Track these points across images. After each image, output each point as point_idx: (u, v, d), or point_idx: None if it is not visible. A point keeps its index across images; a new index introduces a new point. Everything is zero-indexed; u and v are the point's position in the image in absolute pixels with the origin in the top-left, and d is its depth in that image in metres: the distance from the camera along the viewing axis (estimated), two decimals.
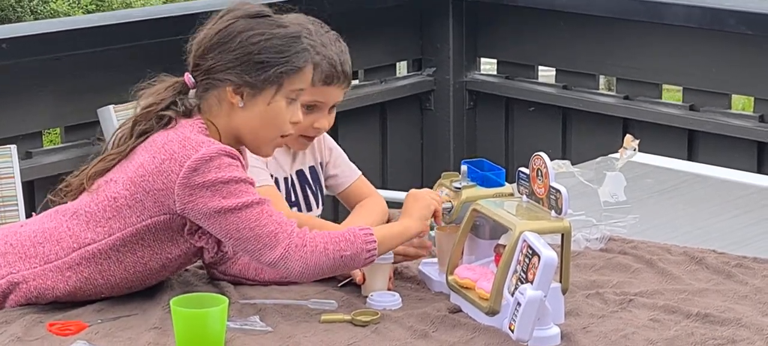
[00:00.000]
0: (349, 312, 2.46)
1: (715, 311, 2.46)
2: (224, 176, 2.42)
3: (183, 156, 2.42)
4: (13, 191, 3.18)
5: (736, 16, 4.26)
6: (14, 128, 3.85)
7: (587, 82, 4.77)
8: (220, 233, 2.45)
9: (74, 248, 2.49)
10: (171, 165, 2.42)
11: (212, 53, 2.50)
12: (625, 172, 3.03)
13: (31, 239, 2.52)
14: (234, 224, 2.43)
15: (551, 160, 2.48)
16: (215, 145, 2.44)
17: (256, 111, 2.52)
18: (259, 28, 2.51)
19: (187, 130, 2.47)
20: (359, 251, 2.46)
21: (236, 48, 2.49)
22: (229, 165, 2.43)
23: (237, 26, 2.51)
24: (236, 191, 2.42)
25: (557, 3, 4.72)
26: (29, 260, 2.51)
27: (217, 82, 2.50)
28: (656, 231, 2.99)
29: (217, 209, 2.42)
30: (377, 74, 4.91)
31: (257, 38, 2.50)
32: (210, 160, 2.41)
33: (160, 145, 2.46)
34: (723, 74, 4.38)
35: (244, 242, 2.43)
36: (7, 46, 3.79)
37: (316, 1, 4.28)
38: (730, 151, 4.30)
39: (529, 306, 2.25)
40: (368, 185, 3.13)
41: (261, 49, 2.49)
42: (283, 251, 2.42)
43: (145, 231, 2.48)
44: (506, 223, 2.43)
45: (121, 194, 2.47)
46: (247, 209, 2.42)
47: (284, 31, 2.53)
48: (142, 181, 2.45)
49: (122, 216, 2.47)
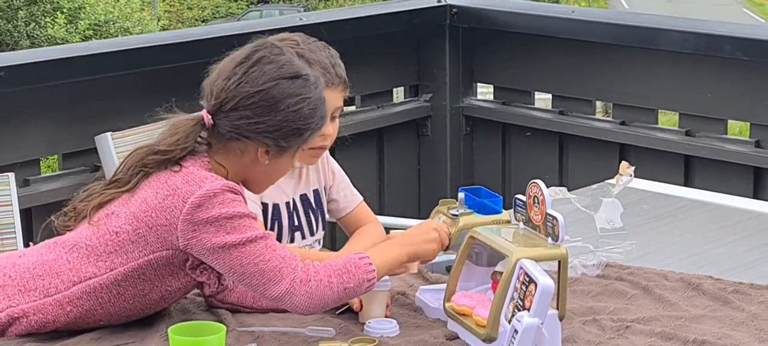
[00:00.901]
0: (346, 339, 2.46)
1: (711, 338, 2.46)
2: (228, 211, 2.41)
3: (186, 192, 2.42)
4: (11, 219, 3.18)
5: (732, 42, 4.27)
6: (12, 156, 3.85)
7: (584, 107, 4.78)
8: (224, 269, 2.44)
9: (75, 281, 2.49)
10: (174, 201, 2.42)
11: (249, 112, 2.48)
12: (621, 198, 3.04)
13: (31, 272, 2.51)
14: (238, 260, 2.42)
15: (548, 187, 2.49)
16: (218, 181, 2.44)
17: (280, 165, 2.55)
18: (300, 93, 2.50)
19: (191, 167, 2.47)
20: (361, 281, 2.46)
21: (279, 117, 2.48)
22: (232, 200, 2.43)
23: (279, 91, 2.49)
24: (240, 226, 2.42)
25: (553, 29, 4.74)
26: (29, 293, 2.50)
27: (246, 139, 2.49)
28: (653, 257, 2.99)
29: (220, 244, 2.41)
30: (374, 100, 4.92)
31: (299, 106, 2.49)
32: (213, 196, 2.41)
33: (163, 181, 2.46)
34: (719, 100, 4.39)
35: (249, 278, 2.43)
36: (6, 74, 3.80)
37: (313, 28, 4.31)
38: (726, 176, 4.30)
39: (526, 333, 2.26)
40: (368, 212, 3.14)
41: (301, 117, 2.50)
42: (288, 285, 2.42)
43: (146, 266, 2.48)
44: (503, 250, 2.44)
45: (123, 228, 2.47)
46: (250, 244, 2.42)
47: (316, 93, 2.53)
48: (144, 216, 2.45)
49: (124, 251, 2.47)
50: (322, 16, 4.83)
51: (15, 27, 26.76)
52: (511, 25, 4.86)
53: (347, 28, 4.70)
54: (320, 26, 4.49)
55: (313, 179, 3.06)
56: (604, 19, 4.66)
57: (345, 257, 2.49)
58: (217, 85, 2.50)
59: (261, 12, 31.53)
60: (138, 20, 28.25)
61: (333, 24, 4.65)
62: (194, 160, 2.49)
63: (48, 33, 26.36)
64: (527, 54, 4.88)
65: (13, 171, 3.31)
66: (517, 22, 4.84)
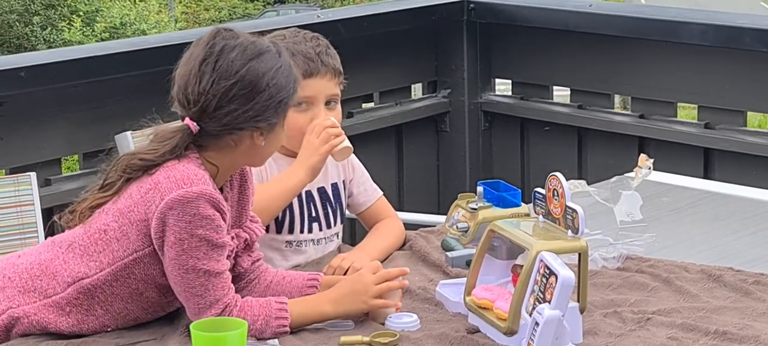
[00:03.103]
0: (367, 334, 2.47)
1: (733, 329, 2.46)
2: (192, 228, 2.40)
3: (166, 189, 2.41)
4: (33, 218, 3.19)
5: (751, 34, 4.26)
6: (33, 156, 3.87)
7: (602, 101, 4.77)
8: (168, 270, 2.45)
9: (69, 282, 2.49)
10: (154, 195, 2.42)
11: (234, 105, 2.46)
12: (641, 191, 3.04)
13: (29, 272, 2.52)
14: (179, 278, 2.44)
15: (567, 180, 2.49)
16: (199, 186, 2.41)
17: (274, 138, 2.55)
18: (272, 65, 2.49)
19: (179, 165, 2.45)
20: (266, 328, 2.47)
21: (264, 96, 2.47)
22: (204, 218, 2.41)
23: (254, 73, 2.47)
24: (193, 251, 2.42)
25: (571, 23, 4.73)
26: (28, 294, 2.51)
27: (238, 131, 2.48)
28: (673, 249, 2.99)
29: (173, 255, 2.42)
30: (392, 97, 4.93)
31: (276, 78, 2.49)
32: (187, 203, 2.40)
33: (147, 177, 2.46)
34: (738, 92, 4.38)
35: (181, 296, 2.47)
36: (25, 75, 3.82)
37: (331, 26, 4.32)
38: (745, 168, 4.29)
39: (547, 326, 2.26)
40: (388, 207, 3.14)
41: (281, 87, 2.50)
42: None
43: (133, 265, 2.48)
44: (523, 243, 2.44)
45: (111, 226, 2.47)
46: (191, 274, 2.43)
47: (284, 59, 2.53)
48: (128, 212, 2.46)
49: (111, 250, 2.47)
50: (339, 13, 4.84)
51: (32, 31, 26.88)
52: (528, 20, 4.86)
53: (365, 25, 4.70)
54: (338, 24, 4.50)
55: (332, 173, 3.07)
56: (622, 13, 4.65)
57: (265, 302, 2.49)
58: (193, 91, 2.47)
59: (277, 12, 31.57)
60: (155, 22, 28.31)
61: (351, 21, 4.66)
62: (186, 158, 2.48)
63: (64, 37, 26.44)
64: (545, 48, 4.88)
65: (34, 171, 3.33)
66: (534, 17, 4.83)
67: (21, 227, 3.17)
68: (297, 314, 2.50)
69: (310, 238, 3.03)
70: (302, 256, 3.01)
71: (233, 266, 2.60)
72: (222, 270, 2.46)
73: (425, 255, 2.94)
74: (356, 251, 2.94)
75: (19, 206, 3.19)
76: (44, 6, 27.09)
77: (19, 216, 3.18)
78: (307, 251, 3.02)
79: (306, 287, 2.65)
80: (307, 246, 3.02)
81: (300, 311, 2.51)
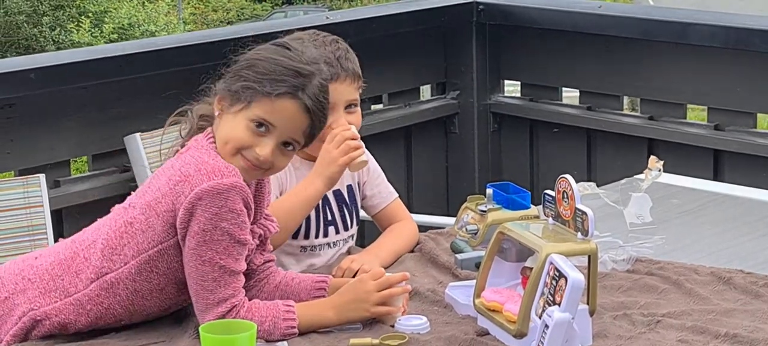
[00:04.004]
0: (376, 336, 2.47)
1: (743, 331, 2.45)
2: (218, 221, 2.41)
3: (197, 180, 2.42)
4: (43, 220, 3.20)
5: (761, 35, 4.25)
6: (42, 157, 3.87)
7: (611, 103, 4.77)
8: (185, 260, 2.46)
9: (92, 278, 2.50)
10: (183, 186, 2.43)
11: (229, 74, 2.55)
12: (650, 193, 3.03)
13: (50, 272, 2.52)
14: (195, 267, 2.44)
15: (576, 182, 2.48)
16: (231, 178, 2.43)
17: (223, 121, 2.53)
18: (271, 56, 2.53)
19: (203, 153, 2.48)
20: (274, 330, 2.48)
21: (243, 64, 2.53)
22: (231, 212, 2.42)
23: (257, 52, 2.55)
24: (214, 244, 2.42)
25: (580, 24, 4.73)
26: (49, 294, 2.51)
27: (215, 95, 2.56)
28: (683, 252, 2.98)
29: (194, 244, 2.42)
30: (401, 98, 4.93)
31: (262, 62, 2.51)
32: (218, 194, 2.41)
33: (176, 169, 2.47)
34: (748, 93, 4.37)
35: (191, 288, 2.47)
36: (35, 76, 3.82)
37: (340, 27, 4.32)
38: (756, 170, 4.28)
39: (557, 328, 2.26)
40: (402, 209, 3.13)
41: (259, 71, 2.50)
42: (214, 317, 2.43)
43: (157, 257, 2.48)
44: (532, 245, 2.44)
45: (137, 218, 2.48)
46: (208, 266, 2.43)
47: (284, 60, 2.52)
48: (156, 204, 2.46)
49: (136, 242, 2.48)
50: (348, 14, 4.84)
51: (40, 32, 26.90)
52: (537, 22, 4.85)
53: (374, 26, 4.70)
54: (347, 25, 4.50)
55: (347, 175, 3.06)
56: (631, 14, 4.64)
57: (272, 305, 2.50)
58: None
59: (285, 13, 31.58)
60: (164, 24, 28.34)
61: (360, 23, 4.66)
62: (202, 140, 2.52)
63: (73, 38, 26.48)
64: (554, 50, 4.87)
65: (43, 172, 3.33)
66: (543, 19, 4.83)
67: (30, 229, 3.18)
68: (302, 317, 2.50)
69: (325, 242, 3.02)
70: (317, 259, 3.00)
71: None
72: (238, 270, 2.46)
73: (434, 257, 2.93)
74: (366, 253, 2.93)
75: (29, 207, 3.19)
76: (53, 7, 27.12)
77: (28, 218, 3.19)
78: (322, 255, 3.02)
79: (314, 289, 2.64)
80: (322, 250, 3.02)
81: (305, 316, 2.51)
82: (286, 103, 2.50)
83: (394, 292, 2.54)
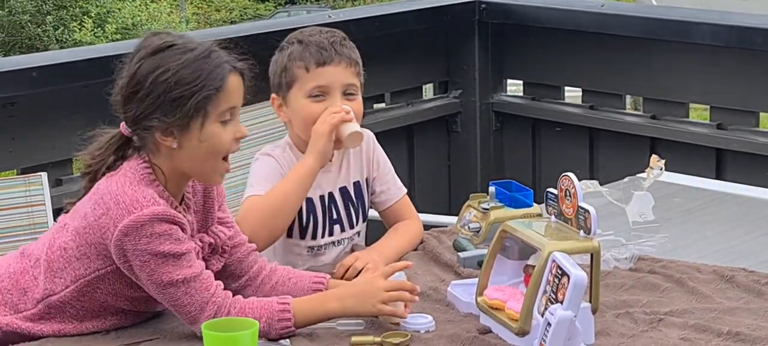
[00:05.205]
0: (378, 334, 2.46)
1: (746, 329, 2.45)
2: (152, 248, 2.39)
3: (117, 216, 2.39)
4: (45, 218, 3.19)
5: (763, 34, 4.25)
6: (44, 156, 3.87)
7: (614, 102, 4.77)
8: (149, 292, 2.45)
9: (38, 299, 2.49)
10: (106, 221, 2.40)
11: (131, 103, 2.44)
12: (653, 191, 3.03)
13: (0, 285, 2.52)
14: (159, 295, 2.43)
15: (579, 181, 2.48)
16: (151, 206, 2.39)
17: (192, 146, 2.45)
18: (165, 64, 2.42)
19: (127, 181, 2.42)
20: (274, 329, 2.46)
21: (149, 93, 2.41)
22: (161, 235, 2.39)
23: (144, 69, 2.43)
24: (162, 266, 2.40)
25: (583, 23, 4.73)
26: (0, 307, 2.51)
27: (146, 129, 2.45)
28: (685, 250, 2.98)
29: (145, 277, 2.42)
30: (404, 97, 4.93)
31: (164, 76, 2.41)
32: (141, 227, 2.38)
33: (100, 195, 2.43)
34: (750, 92, 4.37)
35: (171, 310, 2.46)
36: (37, 75, 3.82)
37: (342, 26, 4.31)
38: (758, 169, 4.28)
39: (560, 326, 2.25)
40: (409, 207, 3.11)
41: (171, 86, 2.41)
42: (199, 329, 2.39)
43: (98, 281, 2.47)
44: (535, 243, 2.44)
45: (69, 245, 2.47)
46: (170, 288, 2.41)
47: (191, 56, 2.44)
48: (84, 232, 2.45)
49: (72, 268, 2.47)
50: (351, 13, 4.84)
51: (44, 32, 26.90)
52: (540, 20, 4.85)
53: (377, 25, 4.70)
54: (349, 24, 4.50)
55: (354, 171, 3.04)
56: (633, 13, 4.64)
57: (266, 303, 2.47)
58: (116, 94, 2.50)
59: (288, 12, 31.59)
60: (167, 24, 28.33)
61: (362, 21, 4.66)
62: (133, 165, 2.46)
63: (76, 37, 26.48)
64: (557, 49, 4.87)
65: (45, 171, 3.33)
66: (546, 17, 4.83)
67: (32, 227, 3.18)
68: (301, 313, 2.48)
69: (330, 240, 3.01)
70: (323, 257, 3.00)
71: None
72: (197, 273, 2.44)
73: (437, 255, 2.93)
74: (371, 251, 2.92)
75: (30, 206, 3.19)
76: (56, 7, 27.12)
77: (30, 216, 3.18)
78: (328, 253, 3.01)
79: (311, 289, 2.64)
80: (327, 249, 3.01)
81: (304, 309, 2.49)
82: (233, 80, 2.47)
83: (403, 296, 2.51)
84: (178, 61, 2.42)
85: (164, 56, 2.43)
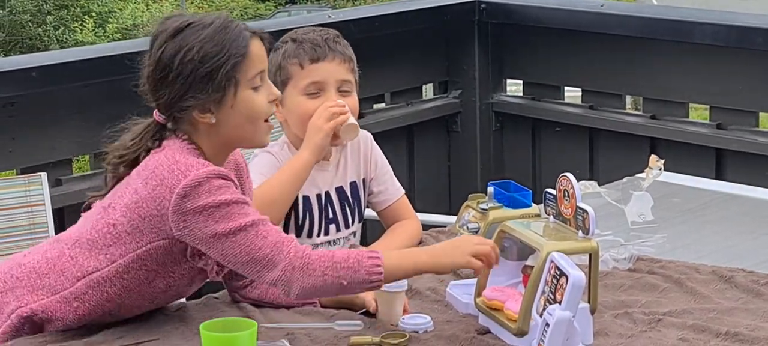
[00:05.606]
0: (377, 334, 2.47)
1: (744, 330, 2.45)
2: (215, 199, 2.40)
3: (173, 182, 2.41)
4: (44, 218, 3.20)
5: (763, 34, 4.25)
6: (44, 156, 3.88)
7: (613, 102, 4.77)
8: (218, 257, 2.44)
9: (79, 276, 2.50)
10: (162, 191, 2.42)
11: (162, 88, 2.47)
12: (652, 191, 3.03)
13: (37, 271, 2.53)
14: (230, 249, 2.42)
15: (578, 181, 2.48)
16: (204, 167, 2.42)
17: (230, 116, 2.49)
18: (188, 42, 2.46)
19: (176, 153, 2.46)
20: (361, 280, 2.42)
21: (179, 74, 2.45)
22: (220, 187, 2.41)
23: (167, 52, 2.46)
24: (228, 215, 2.40)
25: (583, 23, 4.73)
26: (36, 292, 2.51)
27: (181, 111, 2.48)
28: (684, 250, 2.98)
29: (211, 234, 2.41)
30: (403, 97, 4.93)
31: (189, 54, 2.45)
32: (199, 185, 2.40)
33: (151, 170, 2.45)
34: (750, 92, 4.37)
35: (242, 266, 2.43)
36: (37, 75, 3.82)
37: (343, 25, 4.31)
38: (758, 169, 4.28)
39: (558, 327, 2.25)
40: (408, 207, 3.12)
41: (198, 62, 2.45)
42: (281, 273, 2.40)
43: (146, 256, 2.48)
44: (534, 244, 2.44)
45: (119, 220, 2.47)
46: (241, 233, 2.41)
47: (211, 30, 2.47)
48: (136, 207, 2.45)
49: (122, 243, 2.47)
50: (351, 13, 4.84)
51: (45, 31, 26.92)
52: (540, 20, 4.85)
53: (377, 25, 4.71)
54: (350, 24, 4.50)
55: (351, 171, 3.05)
56: (633, 13, 4.64)
57: (355, 252, 2.46)
58: (142, 83, 2.53)
59: (289, 12, 31.57)
60: None
61: (362, 21, 4.66)
62: (178, 142, 2.49)
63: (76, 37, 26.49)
64: (556, 49, 4.87)
65: (45, 171, 3.33)
66: (546, 17, 4.83)
67: (32, 227, 3.18)
68: (391, 263, 2.44)
69: (326, 239, 3.02)
70: None
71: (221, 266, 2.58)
72: (264, 219, 2.44)
73: None
74: None
75: (30, 206, 3.20)
76: (57, 7, 27.13)
77: (30, 216, 3.19)
78: None
79: None
80: (323, 248, 3.01)
81: (393, 259, 2.47)
82: (255, 44, 2.51)
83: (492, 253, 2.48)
84: (199, 37, 2.46)
85: (185, 36, 2.47)
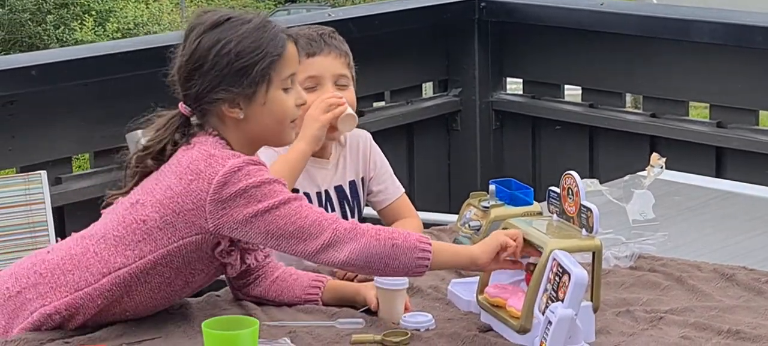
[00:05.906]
0: (379, 332, 2.46)
1: (746, 328, 2.45)
2: (255, 180, 2.41)
3: (210, 173, 2.42)
4: (44, 217, 3.20)
5: (763, 32, 4.25)
6: (44, 154, 3.87)
7: (613, 100, 4.77)
8: (260, 237, 2.43)
9: (104, 273, 2.49)
10: (199, 184, 2.43)
11: (193, 79, 2.48)
12: (653, 190, 3.03)
13: (61, 267, 2.52)
14: (273, 223, 2.42)
15: None
16: (240, 157, 2.45)
17: (258, 114, 2.51)
18: (226, 36, 2.48)
19: (210, 147, 2.47)
20: (411, 247, 2.41)
21: (214, 66, 2.47)
22: (258, 171, 2.44)
23: (204, 44, 2.48)
24: (270, 192, 2.42)
25: (583, 22, 4.72)
26: (60, 289, 2.50)
27: (210, 104, 2.49)
28: (686, 248, 2.98)
29: (253, 213, 2.41)
30: (403, 95, 4.93)
31: (227, 47, 2.47)
32: (238, 170, 2.42)
33: (185, 166, 2.46)
34: (750, 91, 4.36)
35: (287, 238, 2.42)
36: (36, 73, 3.82)
37: (342, 24, 4.31)
38: (758, 167, 4.28)
39: (560, 325, 2.25)
40: (408, 206, 3.12)
41: (235, 56, 2.47)
42: (331, 235, 2.40)
43: (175, 252, 2.48)
44: (537, 241, 2.43)
45: (151, 216, 2.47)
46: (284, 206, 2.42)
47: (250, 27, 2.50)
48: (170, 203, 2.45)
49: (153, 238, 2.47)
50: (350, 11, 4.84)
51: (45, 30, 26.89)
52: (540, 19, 4.85)
53: (376, 23, 4.70)
54: (349, 22, 4.50)
55: (350, 170, 3.05)
56: (633, 12, 4.64)
57: (405, 231, 2.46)
58: (172, 74, 2.54)
59: (288, 11, 31.57)
60: (168, 23, 28.32)
61: (362, 20, 4.66)
62: (210, 139, 2.49)
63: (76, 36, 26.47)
64: (556, 47, 4.87)
65: (45, 169, 3.33)
66: (546, 16, 4.83)
67: (31, 226, 3.18)
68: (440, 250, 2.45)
69: None
70: None
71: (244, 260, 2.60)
72: (301, 196, 2.46)
73: None
74: None
75: (30, 204, 3.20)
76: (57, 5, 27.10)
77: (29, 215, 3.19)
78: None
79: (310, 287, 2.64)
80: None
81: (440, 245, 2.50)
82: (291, 46, 2.54)
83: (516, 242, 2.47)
84: (238, 32, 2.48)
85: (224, 29, 2.49)
